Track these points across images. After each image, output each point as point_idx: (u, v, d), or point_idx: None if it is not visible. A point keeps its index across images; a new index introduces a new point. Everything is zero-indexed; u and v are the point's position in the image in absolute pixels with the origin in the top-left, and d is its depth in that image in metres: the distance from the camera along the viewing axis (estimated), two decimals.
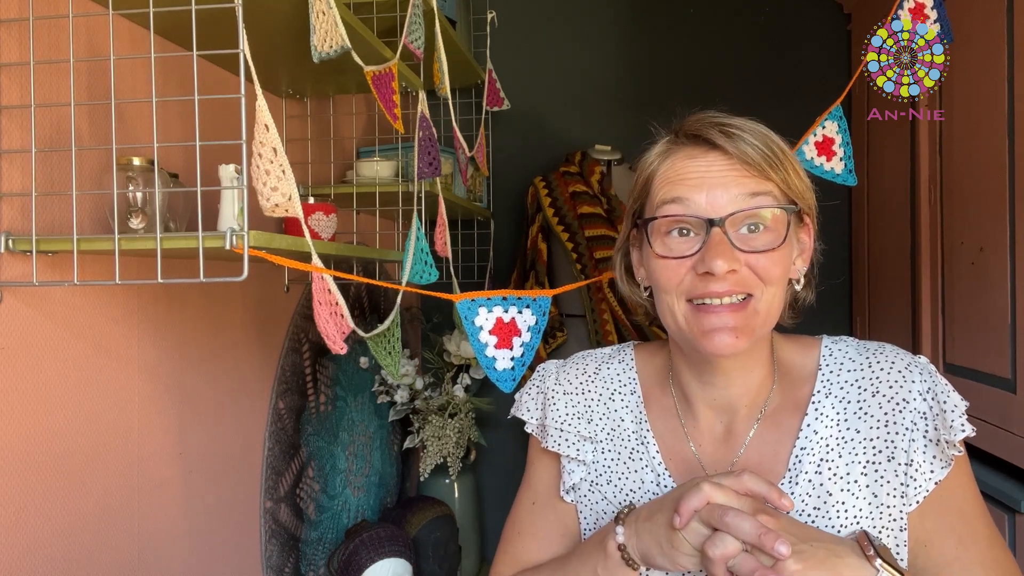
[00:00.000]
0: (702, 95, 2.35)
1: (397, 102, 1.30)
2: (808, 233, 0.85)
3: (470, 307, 1.05)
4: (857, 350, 0.86)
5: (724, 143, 0.77)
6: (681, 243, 0.79)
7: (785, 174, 0.78)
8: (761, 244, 0.77)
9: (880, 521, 0.79)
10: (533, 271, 2.32)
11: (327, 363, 1.94)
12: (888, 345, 0.87)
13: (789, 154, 0.80)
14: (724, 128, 0.78)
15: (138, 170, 1.03)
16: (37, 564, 1.04)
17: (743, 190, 0.77)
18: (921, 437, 0.80)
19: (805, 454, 0.82)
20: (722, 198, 0.77)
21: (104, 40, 1.08)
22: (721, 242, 0.76)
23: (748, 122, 0.80)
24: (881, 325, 2.21)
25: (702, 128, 0.79)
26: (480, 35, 2.44)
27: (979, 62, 1.56)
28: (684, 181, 0.78)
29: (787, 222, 0.79)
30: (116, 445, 1.20)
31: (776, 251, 0.78)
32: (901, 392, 0.82)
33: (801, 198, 0.81)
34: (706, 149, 0.79)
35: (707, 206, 0.77)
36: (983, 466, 1.54)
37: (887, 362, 0.84)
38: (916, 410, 0.81)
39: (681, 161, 0.80)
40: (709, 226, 0.76)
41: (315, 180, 1.84)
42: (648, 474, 0.88)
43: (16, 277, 1.00)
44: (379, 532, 1.82)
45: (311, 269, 0.97)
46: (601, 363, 0.97)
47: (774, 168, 0.77)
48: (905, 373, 0.82)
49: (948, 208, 1.74)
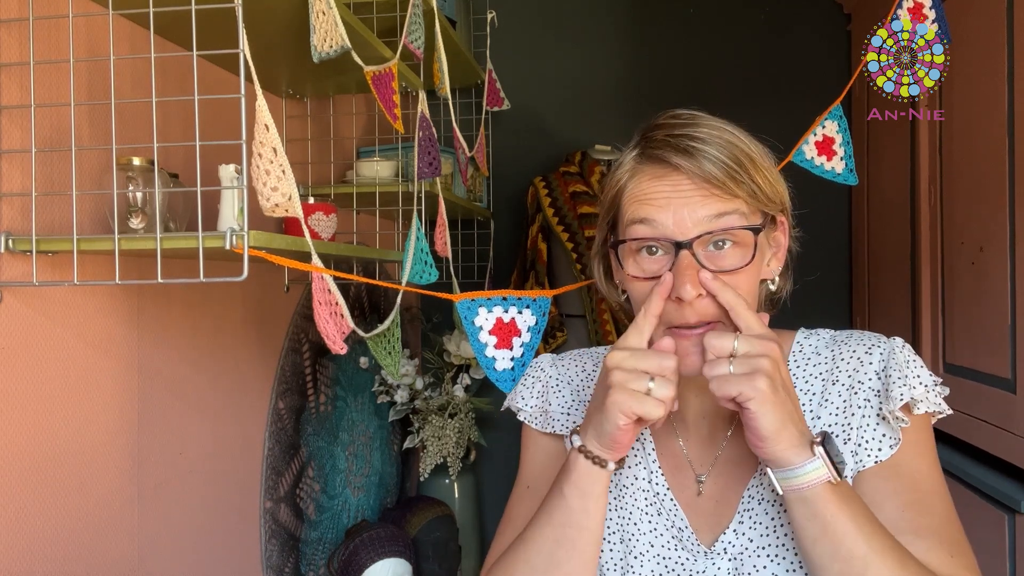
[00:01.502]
0: (702, 95, 2.35)
1: (397, 102, 1.30)
2: (783, 231, 0.85)
3: (470, 307, 1.05)
4: (826, 343, 0.87)
5: (686, 164, 0.77)
6: (651, 262, 0.79)
7: (752, 184, 0.77)
8: (729, 263, 0.77)
9: None
10: (533, 271, 2.32)
11: (327, 363, 1.94)
12: (858, 332, 0.87)
13: (756, 158, 0.79)
14: (687, 146, 0.77)
15: (138, 170, 1.03)
16: (37, 564, 1.04)
17: (709, 211, 0.77)
18: (873, 414, 0.81)
19: None
20: (688, 219, 0.76)
21: (104, 40, 1.08)
22: (689, 266, 0.76)
23: (713, 129, 0.78)
24: (881, 325, 2.21)
25: (664, 151, 0.78)
26: (480, 35, 2.44)
27: (979, 62, 1.56)
28: (651, 202, 0.78)
29: (754, 239, 0.79)
30: (116, 445, 1.20)
31: (743, 270, 0.78)
32: (856, 375, 0.83)
33: (771, 201, 0.80)
34: (671, 169, 0.78)
35: (674, 227, 0.77)
36: (983, 466, 1.54)
37: (849, 351, 0.85)
38: (870, 388, 0.82)
39: (647, 181, 0.80)
40: (677, 248, 0.77)
41: (315, 180, 1.84)
42: (642, 471, 0.89)
43: (16, 277, 1.00)
44: (379, 532, 1.82)
45: (311, 269, 0.97)
46: (597, 361, 0.98)
47: (738, 182, 0.77)
48: (864, 357, 0.83)
49: (948, 208, 1.74)
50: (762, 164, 0.79)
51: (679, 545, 0.85)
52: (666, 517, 0.86)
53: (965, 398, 1.61)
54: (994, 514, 1.43)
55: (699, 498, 0.86)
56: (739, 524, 0.82)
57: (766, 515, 0.81)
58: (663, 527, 0.86)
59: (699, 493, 0.86)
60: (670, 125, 0.80)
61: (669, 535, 0.85)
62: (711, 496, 0.86)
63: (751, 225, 0.78)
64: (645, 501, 0.88)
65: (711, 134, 0.78)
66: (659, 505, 0.87)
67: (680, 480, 0.88)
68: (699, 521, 0.85)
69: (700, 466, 0.88)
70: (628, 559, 0.86)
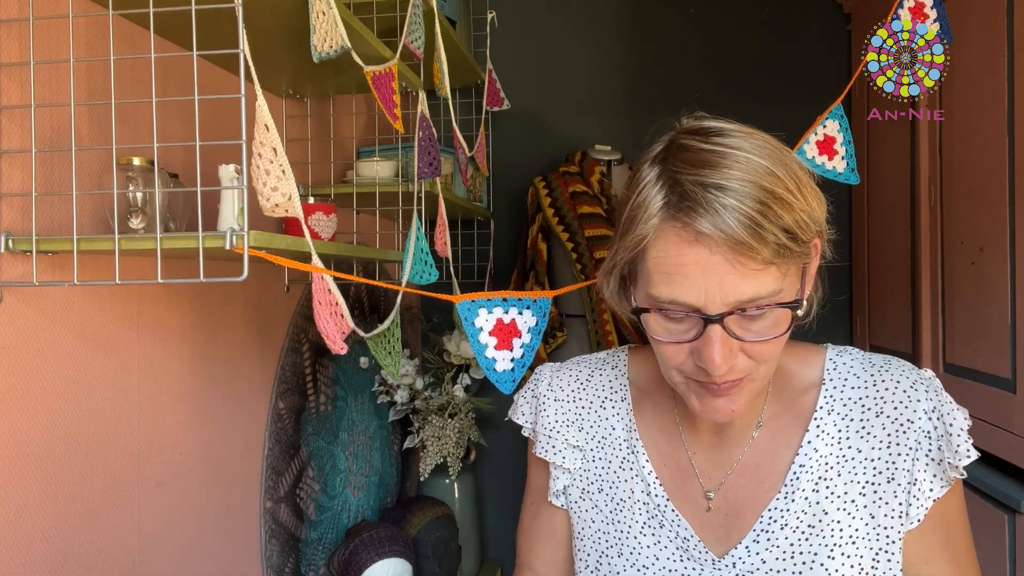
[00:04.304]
0: (702, 95, 2.35)
1: (397, 102, 1.30)
2: (817, 254, 0.79)
3: (470, 308, 1.05)
4: (863, 364, 0.84)
5: (712, 231, 0.68)
6: (678, 327, 0.74)
7: (777, 236, 0.69)
8: (761, 331, 0.73)
9: (877, 543, 0.79)
10: (533, 271, 2.31)
11: (327, 363, 1.94)
12: (895, 360, 0.85)
13: (784, 195, 0.70)
14: (715, 204, 0.69)
15: (138, 170, 1.03)
16: (37, 564, 1.04)
17: (739, 290, 0.70)
18: (924, 456, 0.80)
19: (804, 471, 0.81)
20: (719, 296, 0.70)
21: (104, 40, 1.08)
22: (718, 339, 0.71)
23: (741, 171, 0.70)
24: (881, 325, 2.21)
25: (691, 214, 0.70)
26: (480, 35, 2.44)
27: (979, 62, 1.56)
28: (678, 279, 0.72)
29: (792, 313, 0.74)
30: (116, 445, 1.20)
31: (777, 340, 0.74)
32: (906, 412, 0.80)
33: (804, 241, 0.72)
34: (697, 233, 0.70)
35: (705, 301, 0.71)
36: (983, 466, 1.54)
37: (892, 380, 0.82)
38: (921, 430, 0.80)
39: (675, 247, 0.71)
40: (706, 322, 0.71)
41: (315, 180, 1.84)
42: (639, 483, 0.88)
43: (16, 277, 1.00)
44: (379, 532, 1.82)
45: (311, 269, 0.97)
46: (594, 369, 0.96)
47: (764, 239, 0.68)
48: (911, 392, 0.81)
49: (948, 208, 1.74)
50: (794, 198, 0.71)
51: (686, 556, 0.83)
52: (669, 528, 0.85)
53: (965, 398, 1.61)
54: (994, 514, 1.43)
55: (708, 513, 0.85)
56: (753, 543, 0.81)
57: (786, 540, 0.80)
58: (667, 539, 0.85)
59: (708, 509, 0.85)
60: (699, 161, 0.71)
61: (674, 546, 0.84)
62: (721, 511, 0.84)
63: (785, 302, 0.73)
64: (646, 514, 0.86)
65: (742, 181, 0.69)
66: (660, 517, 0.85)
67: (685, 491, 0.86)
68: (706, 532, 0.84)
69: (709, 481, 0.86)
70: (631, 572, 0.85)
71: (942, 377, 1.75)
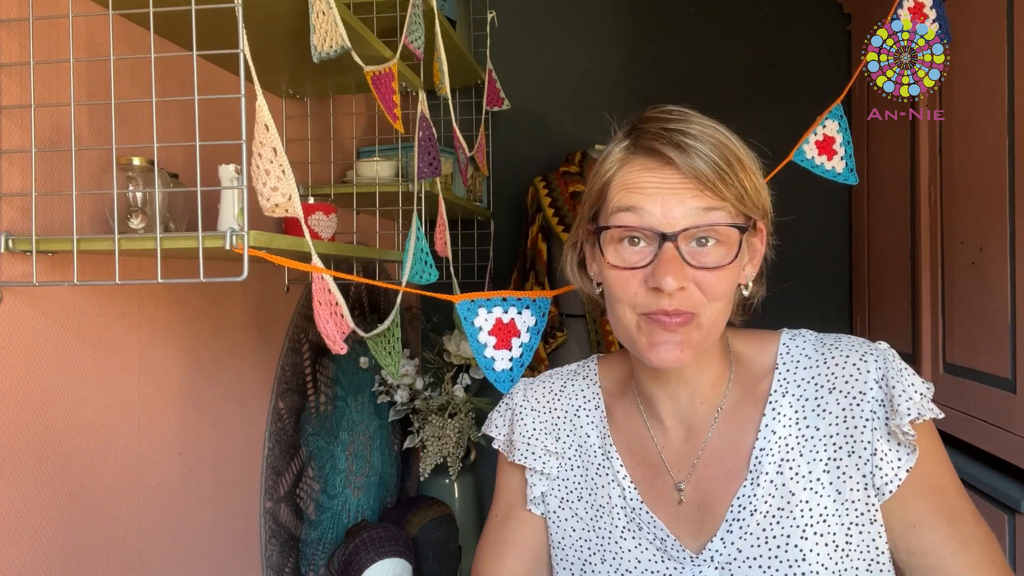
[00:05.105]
0: (702, 95, 2.35)
1: (397, 102, 1.30)
2: (761, 238, 0.85)
3: (470, 308, 1.05)
4: (815, 345, 0.86)
5: (678, 158, 0.77)
6: (633, 253, 0.79)
7: (739, 187, 0.78)
8: (711, 260, 0.78)
9: (847, 517, 0.79)
10: (533, 271, 2.32)
11: (327, 363, 1.94)
12: (845, 336, 0.87)
13: (745, 160, 0.79)
14: (680, 141, 0.77)
15: (138, 170, 1.03)
16: (36, 564, 1.04)
17: (697, 204, 0.77)
18: (883, 426, 0.80)
19: (765, 455, 0.82)
20: (676, 211, 0.77)
21: (104, 40, 1.08)
22: (672, 259, 0.76)
23: (705, 128, 0.78)
24: (881, 325, 2.21)
25: (657, 142, 0.78)
26: (480, 35, 2.44)
27: (979, 62, 1.56)
28: (640, 191, 0.78)
29: (739, 239, 0.79)
30: (116, 445, 1.20)
31: (725, 268, 0.78)
32: (857, 385, 0.82)
33: (755, 206, 0.81)
34: (662, 162, 0.78)
35: (661, 218, 0.77)
36: (983, 466, 1.54)
37: (842, 356, 0.84)
38: (874, 399, 0.81)
39: (637, 171, 0.80)
40: (662, 240, 0.77)
41: (315, 180, 1.84)
42: (615, 488, 0.89)
43: (16, 277, 1.00)
44: (379, 532, 1.82)
45: (311, 269, 0.97)
46: (567, 380, 0.97)
47: (727, 183, 0.77)
48: (860, 364, 0.82)
49: (948, 208, 1.74)
50: (750, 168, 0.80)
51: (665, 556, 0.84)
52: (647, 531, 0.85)
53: (965, 398, 1.61)
54: (994, 514, 1.43)
55: (680, 506, 0.85)
56: (727, 533, 0.81)
57: (758, 526, 0.80)
58: (646, 541, 0.85)
59: (680, 501, 0.85)
60: (663, 119, 0.80)
61: (653, 548, 0.85)
62: (693, 502, 0.85)
63: (737, 223, 0.78)
64: (625, 518, 0.87)
65: (703, 132, 0.78)
66: (638, 520, 0.86)
67: (658, 488, 0.87)
68: (681, 528, 0.84)
69: (679, 472, 0.86)
70: None
71: (942, 377, 1.75)
